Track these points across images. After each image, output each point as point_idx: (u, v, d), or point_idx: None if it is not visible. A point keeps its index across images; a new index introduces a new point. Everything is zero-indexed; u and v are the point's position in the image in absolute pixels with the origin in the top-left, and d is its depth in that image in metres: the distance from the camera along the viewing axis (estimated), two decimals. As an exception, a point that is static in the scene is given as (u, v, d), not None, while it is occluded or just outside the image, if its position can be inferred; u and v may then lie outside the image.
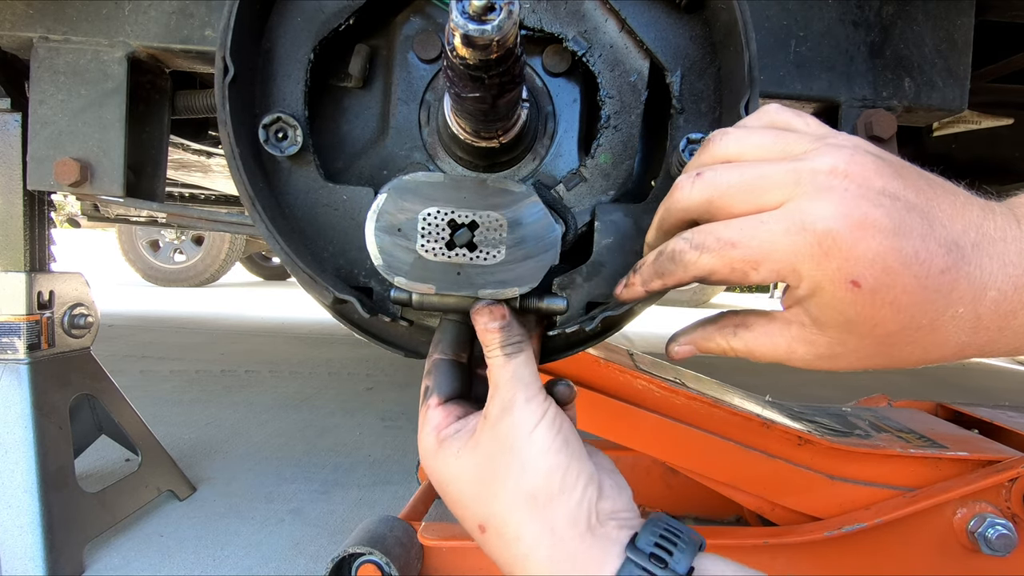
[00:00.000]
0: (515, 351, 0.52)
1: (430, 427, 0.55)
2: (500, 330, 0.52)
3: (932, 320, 0.41)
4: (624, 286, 0.53)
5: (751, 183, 0.42)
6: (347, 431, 2.03)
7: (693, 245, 0.44)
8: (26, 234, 1.14)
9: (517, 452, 0.49)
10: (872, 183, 0.40)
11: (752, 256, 0.42)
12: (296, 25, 0.61)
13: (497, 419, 0.50)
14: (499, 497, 0.49)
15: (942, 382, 3.52)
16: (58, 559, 1.09)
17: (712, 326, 0.51)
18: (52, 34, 0.92)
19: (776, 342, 0.46)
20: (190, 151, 1.70)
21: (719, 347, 0.50)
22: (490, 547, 0.51)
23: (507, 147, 0.61)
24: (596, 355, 1.06)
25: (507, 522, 0.49)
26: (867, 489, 1.05)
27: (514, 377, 0.51)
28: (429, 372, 0.57)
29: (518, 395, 0.50)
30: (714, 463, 1.07)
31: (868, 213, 0.39)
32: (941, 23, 0.93)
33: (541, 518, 0.48)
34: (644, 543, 0.47)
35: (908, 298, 0.40)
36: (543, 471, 0.48)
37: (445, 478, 0.53)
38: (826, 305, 0.41)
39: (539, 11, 0.61)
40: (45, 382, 1.15)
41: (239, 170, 0.55)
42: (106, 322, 3.82)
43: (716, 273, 0.44)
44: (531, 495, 0.48)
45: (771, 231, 0.41)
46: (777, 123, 0.47)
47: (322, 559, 1.22)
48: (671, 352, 0.53)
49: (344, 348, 3.54)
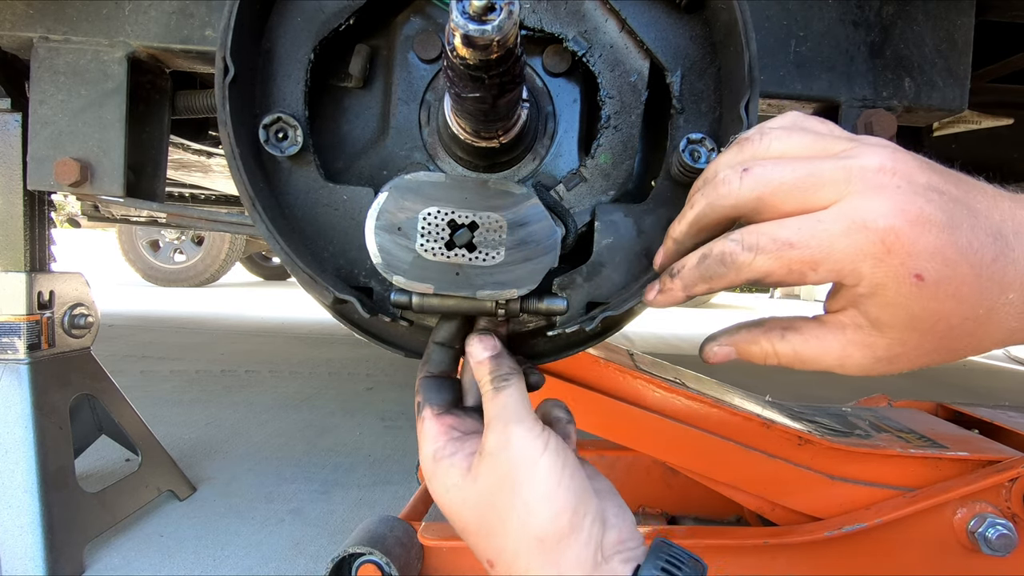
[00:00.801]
0: (503, 384, 0.52)
1: (427, 439, 0.55)
2: (489, 360, 0.53)
3: (988, 309, 0.41)
4: (659, 291, 0.51)
5: (803, 180, 0.42)
6: (347, 431, 2.03)
7: (746, 247, 0.43)
8: (26, 234, 1.14)
9: (520, 491, 0.49)
10: (918, 179, 0.40)
11: (812, 256, 0.41)
12: (296, 25, 0.61)
13: (495, 454, 0.50)
14: (506, 536, 0.49)
15: (942, 382, 3.52)
16: (58, 559, 1.09)
17: (757, 328, 0.49)
18: (52, 34, 0.92)
19: (828, 347, 0.45)
20: (190, 151, 1.70)
21: (762, 351, 0.47)
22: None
23: (507, 147, 0.61)
24: (596, 355, 1.06)
25: (516, 562, 0.49)
26: (867, 489, 1.05)
27: (505, 410, 0.51)
28: (419, 389, 0.58)
29: (514, 429, 0.50)
30: (714, 463, 1.07)
31: (923, 208, 0.39)
32: (941, 23, 0.93)
33: (549, 561, 0.48)
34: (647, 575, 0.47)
35: (967, 289, 0.40)
36: (550, 514, 0.48)
37: (447, 506, 0.54)
38: (889, 303, 0.41)
39: (539, 11, 0.61)
40: (45, 382, 1.15)
41: (239, 170, 0.55)
42: (106, 322, 3.82)
43: (772, 275, 0.42)
44: (539, 538, 0.48)
45: (829, 231, 0.40)
46: (805, 126, 0.47)
47: (322, 559, 1.22)
48: (708, 353, 0.50)
49: (344, 348, 3.53)
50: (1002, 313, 0.41)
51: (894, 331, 0.42)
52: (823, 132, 0.46)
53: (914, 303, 0.40)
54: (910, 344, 0.42)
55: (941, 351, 0.43)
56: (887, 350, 0.43)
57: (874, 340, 0.43)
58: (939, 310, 0.40)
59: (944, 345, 0.42)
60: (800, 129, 0.46)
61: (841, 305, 0.44)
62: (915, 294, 0.40)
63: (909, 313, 0.41)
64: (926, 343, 0.42)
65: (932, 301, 0.40)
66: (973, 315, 0.41)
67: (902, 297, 0.40)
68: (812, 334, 0.45)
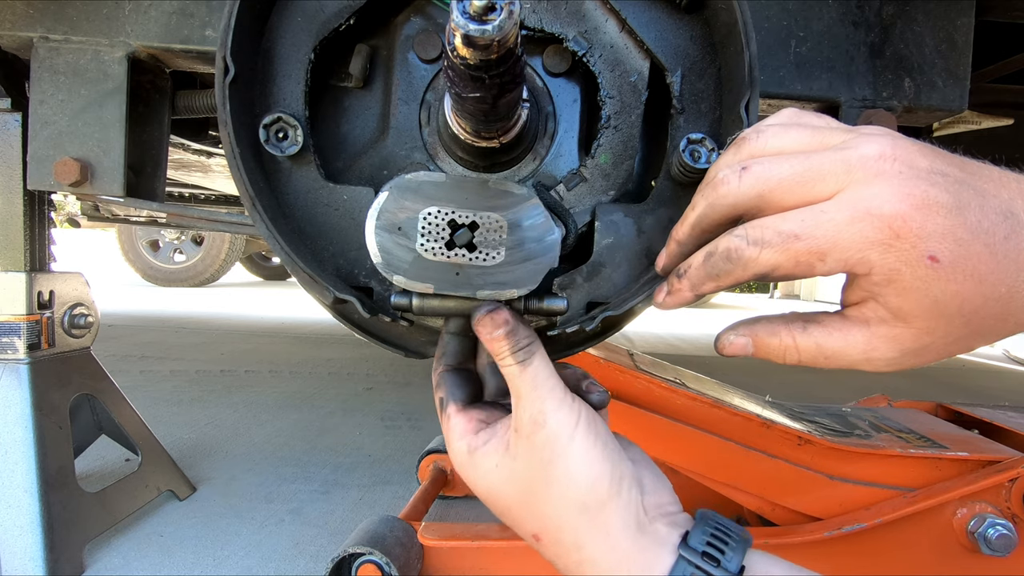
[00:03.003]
0: (527, 356, 0.50)
1: (456, 435, 0.54)
2: (506, 337, 0.50)
3: (1009, 288, 0.40)
4: (667, 293, 0.50)
5: (803, 174, 0.42)
6: (347, 431, 2.03)
7: (751, 241, 0.42)
8: (26, 234, 1.13)
9: (559, 464, 0.49)
10: (920, 164, 0.40)
11: (818, 247, 0.40)
12: (296, 25, 0.61)
13: (531, 432, 0.50)
14: (550, 508, 0.50)
15: (942, 382, 3.52)
16: (58, 559, 1.09)
17: (778, 320, 0.47)
18: (52, 34, 0.92)
19: (853, 340, 0.43)
20: (190, 151, 1.70)
21: (781, 345, 0.46)
22: (549, 555, 0.52)
23: (507, 147, 0.61)
24: (596, 355, 1.06)
25: (563, 531, 0.50)
26: (867, 489, 1.05)
27: (535, 385, 0.50)
28: (439, 384, 0.57)
29: (546, 405, 0.49)
30: (714, 463, 1.07)
31: (927, 191, 0.38)
32: (941, 23, 0.93)
33: (595, 525, 0.49)
34: (696, 542, 0.48)
35: (985, 268, 0.39)
36: (589, 481, 0.49)
37: (487, 491, 0.53)
38: (907, 289, 0.40)
39: (539, 11, 0.61)
40: (45, 382, 1.15)
41: (239, 170, 0.55)
42: (106, 322, 3.82)
43: (779, 268, 0.42)
44: (582, 504, 0.49)
45: (834, 220, 0.40)
46: (801, 121, 0.47)
47: (322, 559, 1.22)
48: (724, 342, 0.49)
49: (344, 348, 3.53)
50: (1023, 292, 0.40)
51: (920, 320, 0.41)
52: (820, 126, 0.46)
53: (934, 286, 0.39)
54: (938, 333, 0.41)
55: (969, 338, 0.42)
56: (915, 341, 0.42)
57: (900, 332, 0.42)
58: (960, 292, 0.39)
59: (972, 331, 0.41)
60: (797, 125, 0.46)
61: (859, 297, 0.43)
62: (932, 277, 0.39)
63: (931, 298, 0.40)
64: (954, 330, 0.41)
65: (951, 283, 0.39)
66: (995, 295, 0.40)
67: (919, 281, 0.39)
68: (835, 327, 0.44)
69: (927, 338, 0.42)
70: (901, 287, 0.40)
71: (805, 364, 0.46)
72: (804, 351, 0.45)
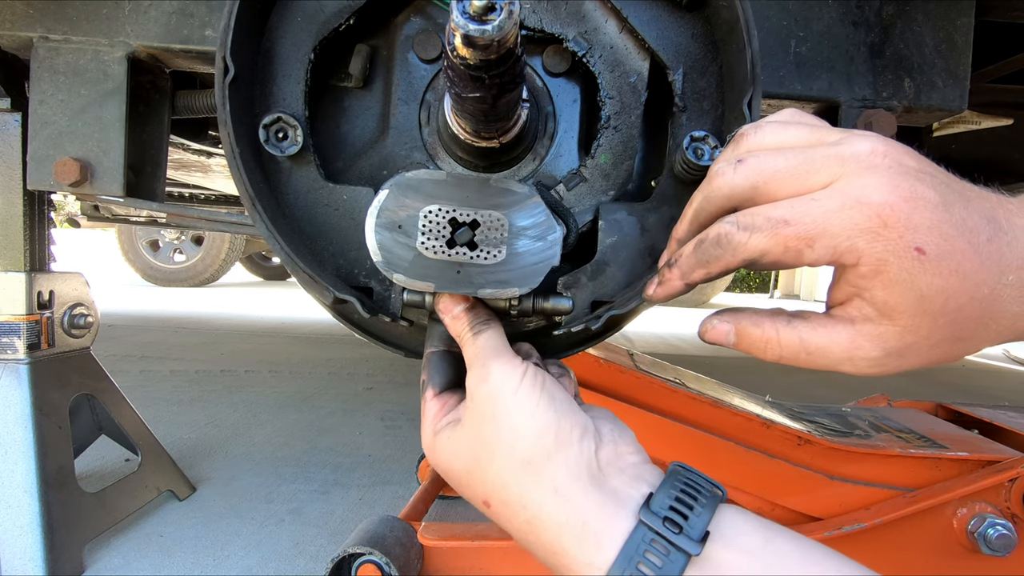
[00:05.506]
0: (482, 328, 0.53)
1: (428, 420, 0.55)
2: (465, 313, 0.54)
3: (991, 289, 0.40)
4: (657, 284, 0.51)
5: (797, 166, 0.42)
6: (347, 431, 2.03)
7: (741, 227, 0.43)
8: (26, 234, 1.13)
9: (502, 419, 0.48)
10: (908, 162, 0.41)
11: (807, 232, 0.41)
12: (296, 25, 0.61)
13: (475, 388, 0.50)
14: (495, 467, 0.48)
15: (942, 382, 3.52)
16: (58, 559, 1.09)
17: (764, 313, 0.47)
18: (52, 34, 0.92)
19: (836, 337, 0.43)
20: (190, 151, 1.70)
21: (763, 336, 0.46)
22: (499, 519, 0.49)
23: (507, 147, 0.61)
24: (596, 355, 1.06)
25: (508, 489, 0.47)
26: (867, 489, 1.05)
27: (483, 347, 0.51)
28: (423, 367, 0.58)
29: (489, 362, 0.49)
30: (714, 463, 1.07)
31: (915, 186, 0.40)
32: (941, 23, 0.93)
33: (541, 480, 0.46)
34: (659, 505, 0.44)
35: (969, 265, 0.39)
36: (533, 433, 0.47)
37: (444, 464, 0.53)
38: (894, 281, 0.40)
39: (539, 11, 0.61)
40: (45, 382, 1.15)
41: (239, 170, 0.55)
42: (106, 322, 3.82)
43: (768, 254, 0.42)
44: (527, 460, 0.47)
45: (824, 207, 0.40)
46: (800, 120, 0.48)
47: (322, 559, 1.22)
48: (706, 327, 0.49)
49: (344, 348, 3.53)
50: (1004, 296, 0.41)
51: (904, 317, 0.41)
52: (818, 125, 0.47)
53: (920, 280, 0.39)
54: (922, 331, 0.41)
55: (952, 341, 0.42)
56: (899, 340, 0.42)
57: (884, 330, 0.42)
58: (945, 287, 0.40)
59: (955, 333, 0.42)
60: (796, 123, 0.47)
61: (846, 295, 0.43)
62: (919, 269, 0.39)
63: (917, 292, 0.40)
64: (938, 330, 0.41)
65: (937, 277, 0.39)
66: (978, 295, 0.40)
67: (906, 273, 0.39)
68: (820, 324, 0.44)
69: (911, 337, 0.42)
70: (888, 279, 0.40)
71: (786, 360, 0.45)
72: (786, 345, 0.45)
